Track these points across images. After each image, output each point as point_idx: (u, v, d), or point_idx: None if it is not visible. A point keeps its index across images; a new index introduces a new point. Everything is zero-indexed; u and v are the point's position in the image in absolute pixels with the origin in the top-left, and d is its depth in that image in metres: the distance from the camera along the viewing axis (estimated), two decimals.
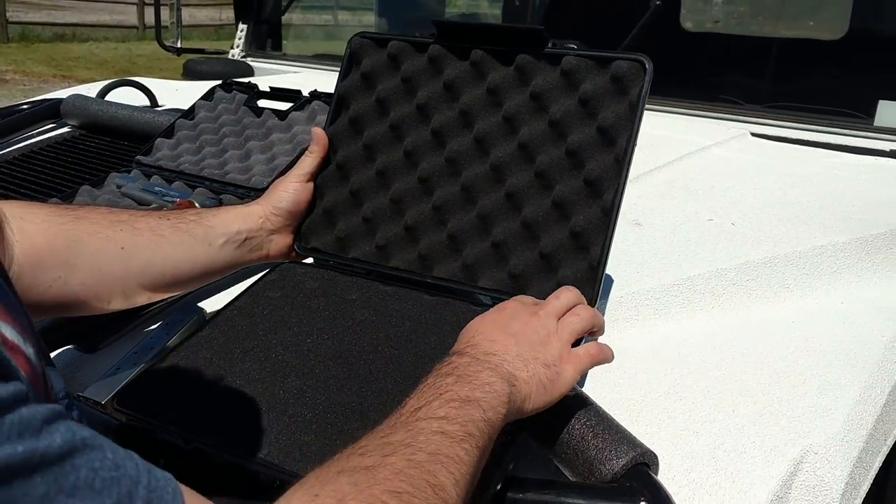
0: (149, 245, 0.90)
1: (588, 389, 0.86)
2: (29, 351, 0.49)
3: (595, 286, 0.87)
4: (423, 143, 1.00)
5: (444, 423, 0.62)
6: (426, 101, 1.00)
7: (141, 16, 14.99)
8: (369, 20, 3.73)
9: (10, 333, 0.47)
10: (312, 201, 1.05)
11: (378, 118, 1.03)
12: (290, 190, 1.02)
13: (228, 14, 16.42)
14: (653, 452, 0.75)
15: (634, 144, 0.89)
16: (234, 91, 1.56)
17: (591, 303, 0.86)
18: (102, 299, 0.88)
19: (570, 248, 0.90)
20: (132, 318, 1.06)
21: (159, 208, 1.22)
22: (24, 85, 9.80)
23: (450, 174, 0.98)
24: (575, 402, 0.78)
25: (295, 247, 1.04)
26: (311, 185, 1.04)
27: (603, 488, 0.71)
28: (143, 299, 0.93)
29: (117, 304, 0.91)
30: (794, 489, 0.83)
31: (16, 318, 0.49)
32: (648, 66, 0.90)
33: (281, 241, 1.03)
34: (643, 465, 0.74)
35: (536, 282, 0.91)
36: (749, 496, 0.78)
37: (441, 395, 0.65)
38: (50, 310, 0.86)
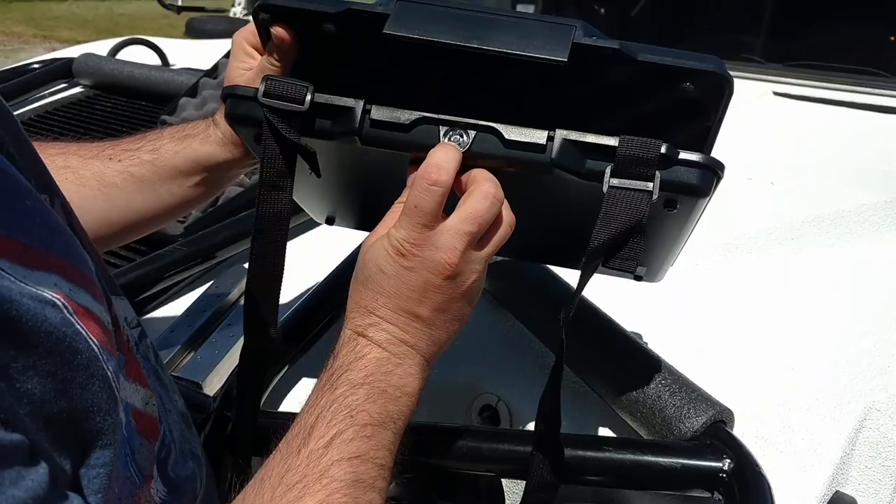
0: (99, 197, 0.80)
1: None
2: (100, 309, 0.46)
3: None
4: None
5: (357, 463, 0.54)
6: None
7: None
8: None
9: (82, 296, 0.45)
10: None
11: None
12: None
13: None
14: (730, 410, 0.75)
15: None
16: None
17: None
18: None
19: None
20: (176, 281, 1.06)
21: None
22: (4, 45, 9.61)
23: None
24: (648, 362, 0.78)
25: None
26: None
27: (686, 446, 0.71)
28: (116, 244, 0.87)
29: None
30: (858, 445, 0.84)
31: (84, 275, 0.46)
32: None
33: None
34: (721, 422, 0.74)
35: None
36: (819, 454, 0.79)
37: (353, 417, 0.55)
38: None
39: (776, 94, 1.79)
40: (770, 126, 1.57)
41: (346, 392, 0.56)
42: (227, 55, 1.55)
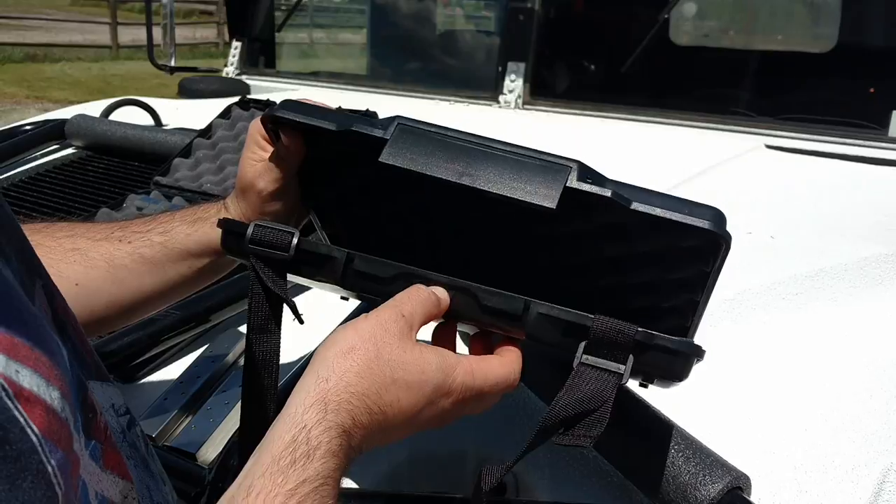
0: (108, 279, 0.78)
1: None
2: (53, 395, 0.42)
3: None
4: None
5: None
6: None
7: (114, 35, 14.87)
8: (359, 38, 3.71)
9: (29, 379, 0.40)
10: None
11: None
12: (279, 208, 0.78)
13: (203, 33, 16.34)
14: (746, 475, 0.73)
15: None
16: (252, 109, 1.52)
17: None
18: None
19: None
20: (170, 346, 1.03)
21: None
22: None
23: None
24: (659, 426, 0.76)
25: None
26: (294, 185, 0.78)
27: None
28: (121, 324, 0.87)
29: (93, 333, 0.84)
30: None
31: (40, 357, 0.42)
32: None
33: None
34: (738, 489, 0.72)
35: None
36: None
37: None
38: None
39: (768, 146, 1.80)
40: (765, 179, 1.57)
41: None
42: (221, 115, 1.56)
